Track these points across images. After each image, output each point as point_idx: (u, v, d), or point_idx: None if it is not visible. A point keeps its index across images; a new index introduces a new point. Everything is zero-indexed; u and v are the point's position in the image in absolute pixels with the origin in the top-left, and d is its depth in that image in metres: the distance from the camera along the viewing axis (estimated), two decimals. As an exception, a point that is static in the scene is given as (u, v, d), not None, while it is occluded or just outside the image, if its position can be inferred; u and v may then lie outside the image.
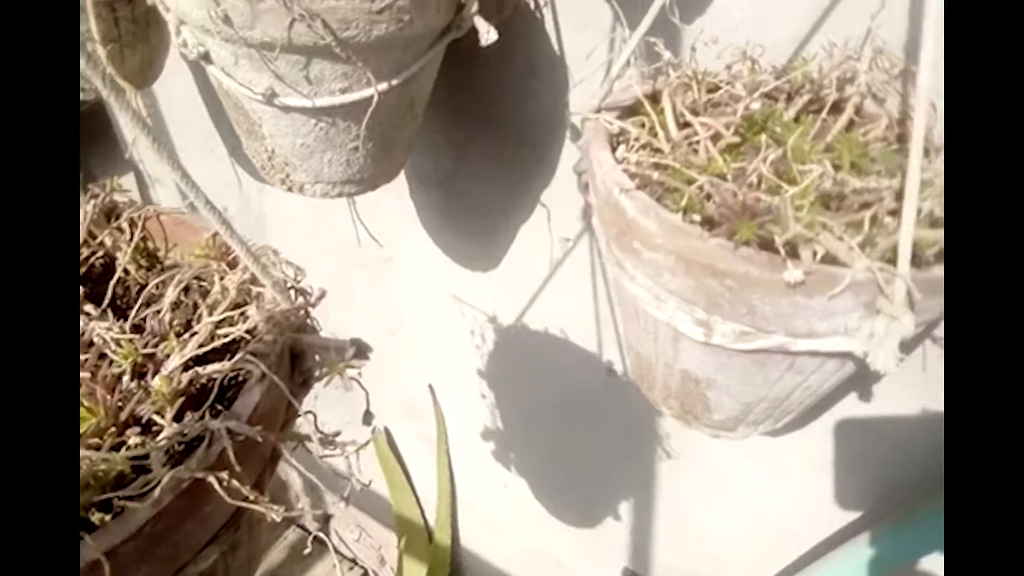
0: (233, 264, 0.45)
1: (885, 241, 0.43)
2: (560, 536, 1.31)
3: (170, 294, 0.41)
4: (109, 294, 0.47)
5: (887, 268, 0.40)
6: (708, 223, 0.46)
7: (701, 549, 1.08)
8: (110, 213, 0.53)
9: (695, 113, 0.56)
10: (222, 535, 0.38)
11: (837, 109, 0.57)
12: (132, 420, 0.36)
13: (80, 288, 0.46)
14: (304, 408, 0.44)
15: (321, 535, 1.70)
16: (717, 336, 0.48)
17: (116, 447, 0.35)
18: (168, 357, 0.38)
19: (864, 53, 0.57)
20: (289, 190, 0.68)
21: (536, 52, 0.78)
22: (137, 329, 0.42)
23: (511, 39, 0.78)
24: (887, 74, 0.58)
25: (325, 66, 0.56)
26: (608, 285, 0.92)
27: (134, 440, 0.35)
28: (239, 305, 0.41)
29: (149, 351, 0.39)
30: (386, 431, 1.52)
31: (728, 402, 0.56)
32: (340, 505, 1.74)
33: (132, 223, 0.49)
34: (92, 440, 0.35)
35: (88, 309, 0.45)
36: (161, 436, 0.35)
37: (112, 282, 0.48)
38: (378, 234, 1.11)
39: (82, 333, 0.41)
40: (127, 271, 0.48)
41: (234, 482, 0.33)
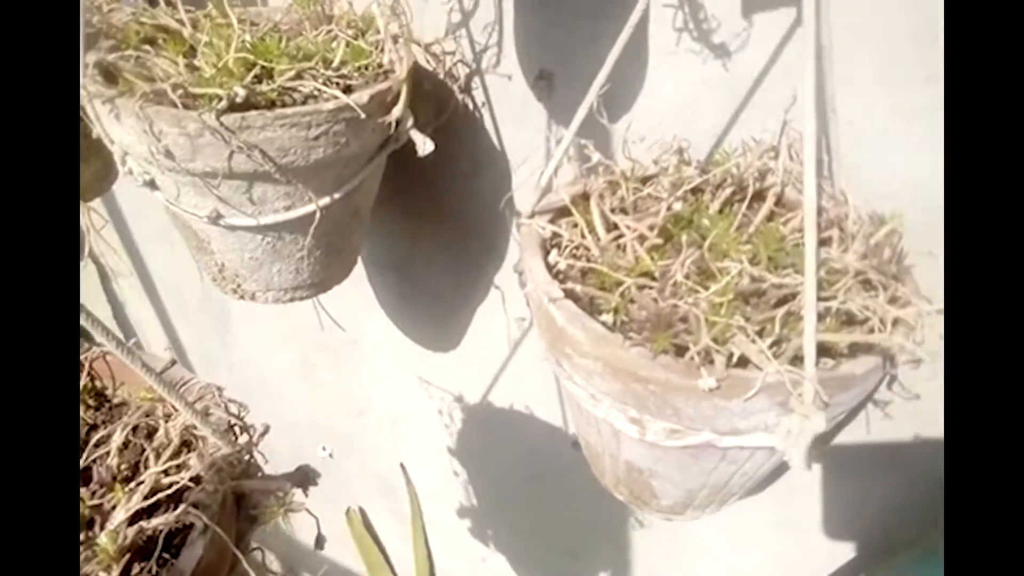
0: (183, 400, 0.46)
1: (798, 340, 0.46)
2: (540, 609, 1.29)
3: (117, 438, 0.42)
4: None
5: (795, 371, 0.42)
6: (634, 326, 0.49)
7: (679, 618, 1.07)
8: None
9: (624, 212, 0.59)
10: None
11: (761, 197, 0.61)
12: (77, 577, 0.37)
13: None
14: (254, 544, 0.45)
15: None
16: (650, 434, 0.49)
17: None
18: (115, 508, 0.39)
19: (782, 144, 0.61)
20: (241, 298, 0.70)
21: (479, 149, 0.81)
22: (85, 474, 0.42)
23: (454, 138, 0.81)
24: (800, 164, 0.62)
25: (267, 188, 0.58)
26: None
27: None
28: (185, 448, 0.42)
29: (96, 502, 0.39)
30: (360, 511, 1.50)
31: (671, 490, 0.57)
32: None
33: (79, 365, 0.51)
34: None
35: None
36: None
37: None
38: (340, 318, 1.13)
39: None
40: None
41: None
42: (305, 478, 0.45)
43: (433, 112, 0.76)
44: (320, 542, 0.51)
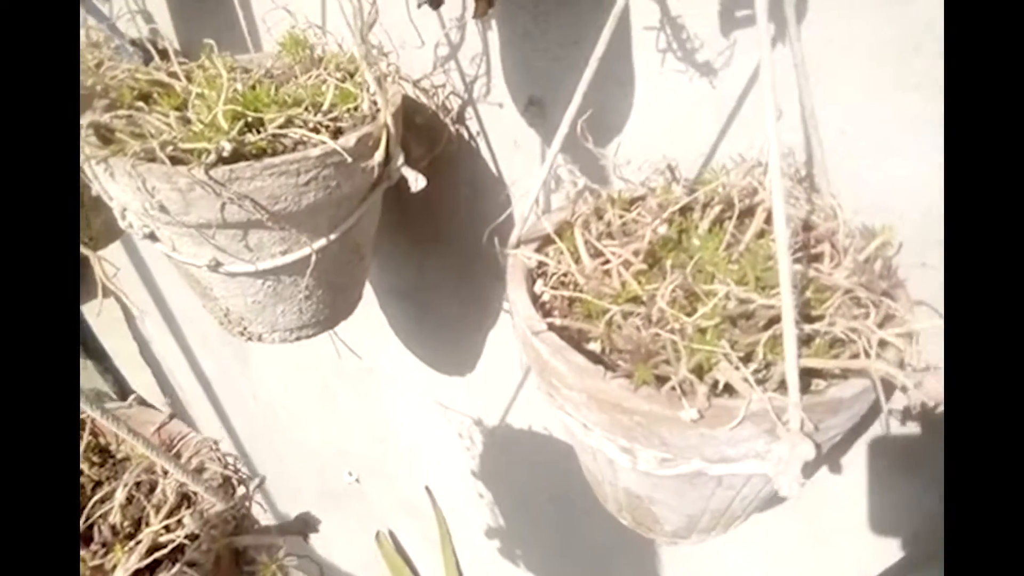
0: (179, 454, 0.48)
1: (784, 364, 0.45)
2: (572, 629, 1.28)
3: (119, 495, 0.44)
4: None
5: (779, 398, 0.42)
6: (622, 355, 0.49)
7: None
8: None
9: (611, 236, 0.59)
10: None
11: (750, 213, 0.60)
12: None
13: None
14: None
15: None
16: (641, 463, 0.49)
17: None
18: (115, 569, 0.40)
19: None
20: (248, 339, 0.71)
21: (477, 176, 0.82)
22: (88, 533, 0.44)
23: (451, 167, 0.82)
24: (791, 179, 0.61)
25: (262, 234, 0.60)
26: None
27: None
28: (185, 499, 0.44)
29: (97, 562, 0.41)
30: (391, 534, 1.51)
31: (672, 516, 0.57)
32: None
33: (82, 424, 0.53)
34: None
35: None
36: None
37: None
38: (357, 346, 1.15)
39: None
40: (81, 471, 0.51)
41: None
42: (305, 526, 0.46)
43: (427, 145, 0.78)
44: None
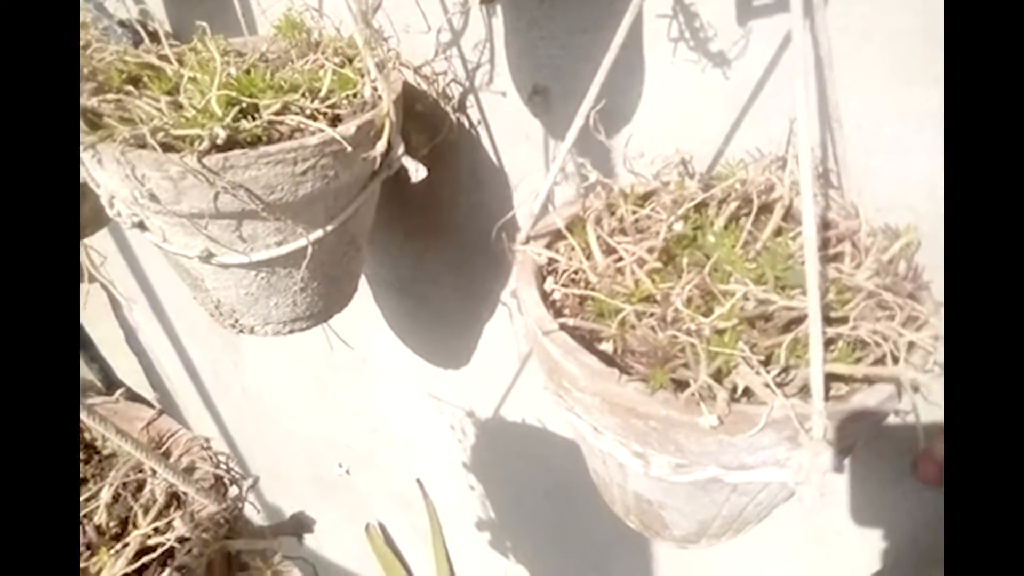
0: (168, 453, 0.45)
1: (806, 369, 0.43)
2: (564, 623, 1.28)
3: (105, 495, 0.42)
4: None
5: (802, 404, 0.40)
6: (636, 356, 0.47)
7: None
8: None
9: (624, 232, 0.57)
10: None
11: (768, 210, 0.58)
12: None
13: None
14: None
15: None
16: (654, 468, 0.48)
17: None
18: (100, 572, 0.38)
19: (788, 154, 0.59)
20: (240, 332, 0.69)
21: (478, 166, 0.80)
22: (69, 534, 0.42)
23: (452, 156, 0.80)
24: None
25: (257, 225, 0.57)
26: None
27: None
28: (174, 499, 0.41)
29: (82, 565, 0.39)
30: (380, 526, 1.50)
31: (683, 521, 0.55)
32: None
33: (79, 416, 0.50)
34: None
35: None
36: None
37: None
38: (349, 337, 1.12)
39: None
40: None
41: None
42: (299, 526, 0.44)
43: (428, 133, 0.75)
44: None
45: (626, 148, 0.67)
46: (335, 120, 0.58)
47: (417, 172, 0.62)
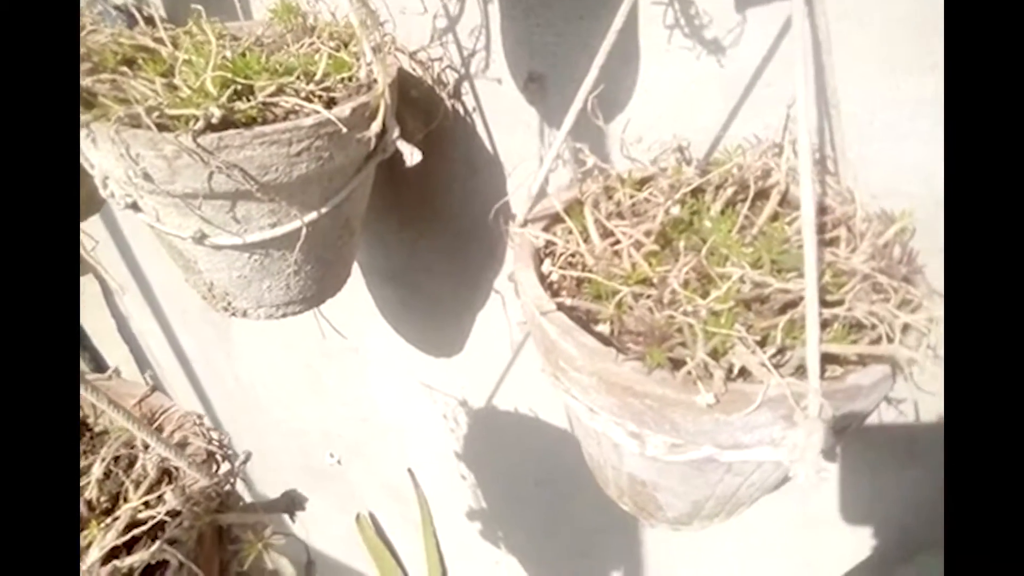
0: (161, 428, 0.45)
1: (802, 349, 0.44)
2: (555, 611, 1.29)
3: (96, 470, 0.41)
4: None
5: (798, 383, 0.41)
6: (632, 336, 0.47)
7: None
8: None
9: (621, 216, 0.58)
10: None
11: (764, 196, 0.59)
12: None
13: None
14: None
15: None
16: (650, 448, 0.48)
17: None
18: (90, 545, 0.38)
19: (785, 140, 0.59)
20: (232, 315, 0.69)
21: (473, 153, 0.80)
22: (62, 511, 0.41)
23: (447, 143, 0.80)
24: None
25: (251, 206, 0.57)
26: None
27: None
28: (165, 475, 0.41)
29: (71, 538, 0.38)
30: (371, 516, 1.50)
31: (677, 502, 0.56)
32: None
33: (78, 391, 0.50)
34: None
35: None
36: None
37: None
38: (342, 326, 1.12)
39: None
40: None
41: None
42: (291, 503, 0.44)
43: (422, 119, 0.75)
44: (310, 568, 0.50)
45: (623, 134, 0.67)
46: (330, 103, 0.58)
47: (412, 156, 0.61)
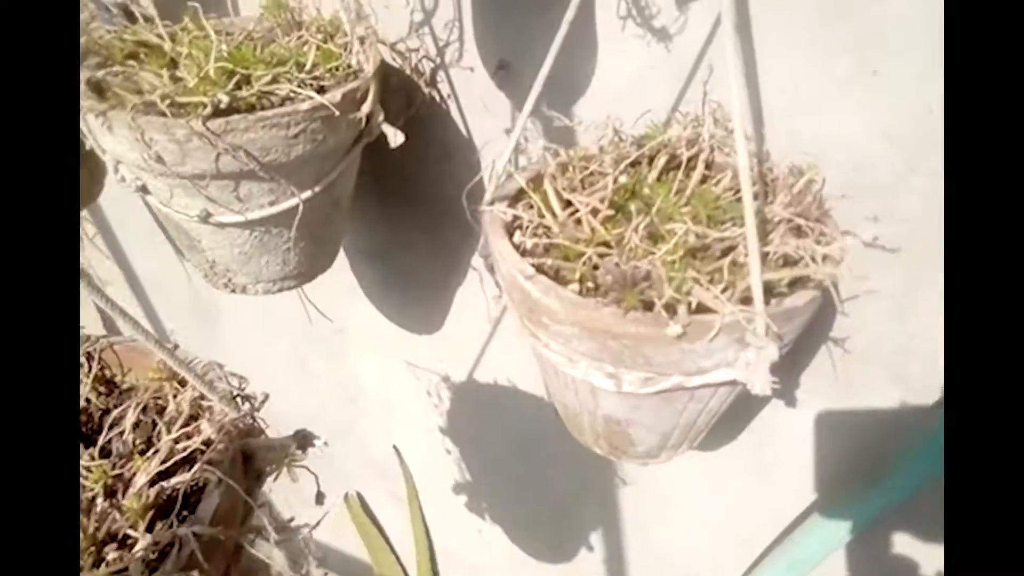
0: (184, 382, 0.51)
1: (744, 282, 0.51)
2: (537, 572, 1.36)
3: (130, 416, 0.47)
4: (75, 422, 0.52)
5: (747, 309, 0.48)
6: (601, 290, 0.54)
7: (669, 569, 1.14)
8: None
9: (575, 191, 0.65)
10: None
11: (691, 166, 0.66)
12: (108, 537, 0.42)
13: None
14: (261, 500, 0.50)
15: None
16: (626, 385, 0.55)
17: (97, 563, 0.40)
18: (135, 475, 0.43)
19: (705, 114, 0.67)
20: (232, 291, 0.74)
21: (448, 137, 0.86)
22: (104, 452, 0.47)
23: (424, 128, 0.86)
24: (725, 130, 0.67)
25: (252, 185, 0.62)
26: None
27: (112, 555, 0.40)
28: (193, 418, 0.47)
29: (117, 472, 0.44)
30: (359, 495, 1.55)
31: (647, 435, 0.63)
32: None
33: (89, 356, 0.55)
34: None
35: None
36: (137, 548, 0.40)
37: (76, 412, 0.52)
38: (326, 308, 1.17)
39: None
40: (88, 400, 0.53)
41: (205, 578, 0.39)
42: (304, 440, 0.50)
43: (402, 105, 0.81)
44: (320, 498, 0.56)
45: (579, 116, 0.74)
46: (320, 90, 0.64)
47: (395, 137, 0.68)
